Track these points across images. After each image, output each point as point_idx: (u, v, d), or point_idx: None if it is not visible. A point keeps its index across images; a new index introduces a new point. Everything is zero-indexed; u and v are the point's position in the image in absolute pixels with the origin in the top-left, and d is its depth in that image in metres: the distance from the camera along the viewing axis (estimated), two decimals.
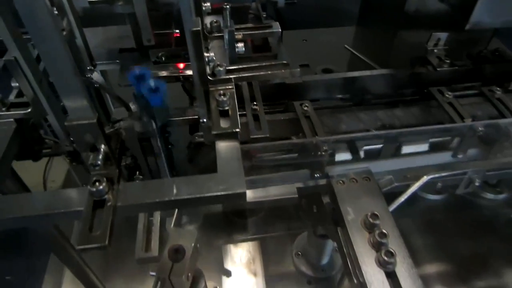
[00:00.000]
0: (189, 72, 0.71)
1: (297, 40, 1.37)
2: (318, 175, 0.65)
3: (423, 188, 0.69)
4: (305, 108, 0.67)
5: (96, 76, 0.74)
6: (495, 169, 0.70)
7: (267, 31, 0.67)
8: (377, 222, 0.57)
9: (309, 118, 0.66)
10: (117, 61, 0.89)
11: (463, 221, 1.03)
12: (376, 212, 0.57)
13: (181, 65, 0.76)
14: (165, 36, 0.82)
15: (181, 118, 0.64)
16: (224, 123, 0.51)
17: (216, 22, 0.68)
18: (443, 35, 0.79)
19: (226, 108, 0.52)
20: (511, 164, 0.69)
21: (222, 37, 0.67)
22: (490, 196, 1.06)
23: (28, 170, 0.74)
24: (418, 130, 0.63)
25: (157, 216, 0.73)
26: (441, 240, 0.98)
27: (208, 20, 0.69)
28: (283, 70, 0.58)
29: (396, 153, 0.68)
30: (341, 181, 0.64)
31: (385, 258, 0.53)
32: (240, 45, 0.66)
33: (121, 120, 0.76)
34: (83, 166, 0.59)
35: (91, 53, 0.75)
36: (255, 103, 0.66)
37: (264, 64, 0.59)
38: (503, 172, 0.70)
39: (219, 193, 0.43)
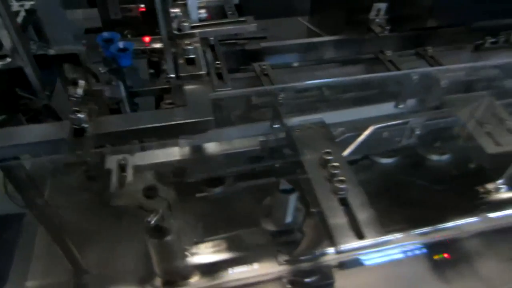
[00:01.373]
0: (156, 45, 0.75)
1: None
2: (277, 125, 0.72)
3: (371, 137, 0.77)
4: (264, 67, 0.74)
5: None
6: (431, 119, 0.80)
7: None
8: (330, 157, 0.64)
9: (267, 75, 0.72)
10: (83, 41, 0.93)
11: (411, 181, 1.13)
12: (328, 150, 0.65)
13: (147, 39, 0.81)
14: (131, 11, 0.86)
15: (150, 88, 0.69)
16: (190, 69, 0.57)
17: None
18: (383, 5, 0.88)
19: (192, 56, 0.58)
20: (446, 113, 0.79)
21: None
22: (435, 157, 1.17)
23: None
24: (363, 78, 0.71)
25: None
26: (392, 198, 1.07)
27: None
28: (242, 26, 0.64)
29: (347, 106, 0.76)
30: (298, 129, 0.71)
31: (337, 185, 0.60)
32: (202, 11, 0.72)
33: None
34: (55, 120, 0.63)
35: None
36: (217, 62, 0.72)
37: (224, 20, 0.65)
38: (438, 122, 0.80)
39: (188, 121, 0.49)
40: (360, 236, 0.56)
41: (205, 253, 0.69)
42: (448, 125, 0.78)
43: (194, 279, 0.66)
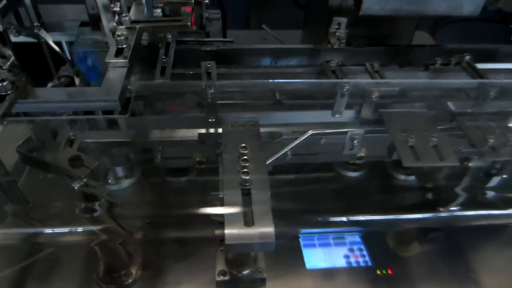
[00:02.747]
0: None
1: None
2: (212, 120, 0.77)
3: (306, 141, 0.81)
4: (208, 65, 0.79)
5: (43, 33, 0.88)
6: (372, 132, 0.82)
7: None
8: (245, 151, 0.69)
9: (209, 73, 0.78)
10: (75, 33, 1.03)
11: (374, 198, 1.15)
12: (245, 145, 0.69)
13: None
14: None
15: None
16: (117, 58, 0.63)
17: None
18: (343, 20, 0.92)
19: (122, 46, 0.65)
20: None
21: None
22: (401, 177, 1.17)
23: None
24: (296, 82, 0.75)
25: None
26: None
27: None
28: (180, 24, 0.71)
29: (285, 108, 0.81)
30: (229, 125, 0.76)
31: (243, 177, 0.64)
32: (158, 10, 0.79)
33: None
34: None
35: (39, 12, 0.88)
36: (164, 57, 0.78)
37: (165, 19, 0.72)
38: (379, 136, 0.82)
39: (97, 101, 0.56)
40: (248, 224, 0.59)
41: None
42: (382, 139, 0.80)
43: None
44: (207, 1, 1.09)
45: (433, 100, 0.81)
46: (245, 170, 0.65)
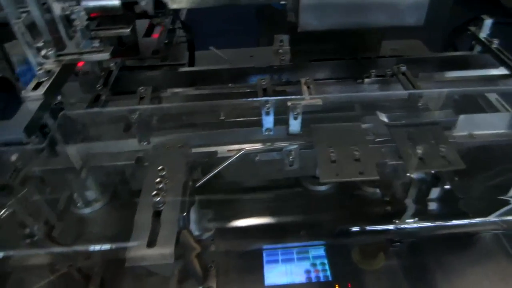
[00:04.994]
0: None
1: None
2: (144, 143, 0.80)
3: (241, 158, 0.82)
4: (142, 91, 0.83)
5: None
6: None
7: (118, 30, 0.85)
8: (163, 173, 0.71)
9: (143, 98, 0.82)
10: None
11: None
12: (163, 167, 0.72)
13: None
14: None
15: None
16: (34, 91, 0.68)
17: None
18: (285, 37, 0.93)
19: (40, 80, 0.70)
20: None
21: None
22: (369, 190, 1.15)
23: None
24: (221, 103, 0.77)
25: None
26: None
27: None
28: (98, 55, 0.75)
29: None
30: (157, 148, 0.79)
31: (154, 199, 0.67)
32: (96, 41, 0.84)
33: None
34: None
35: None
36: (99, 85, 0.83)
37: (88, 50, 0.76)
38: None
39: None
40: (150, 245, 0.62)
41: None
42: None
43: None
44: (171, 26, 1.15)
45: (369, 112, 0.80)
46: (157, 192, 0.67)
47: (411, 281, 0.96)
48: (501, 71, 0.94)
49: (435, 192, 0.90)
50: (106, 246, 0.77)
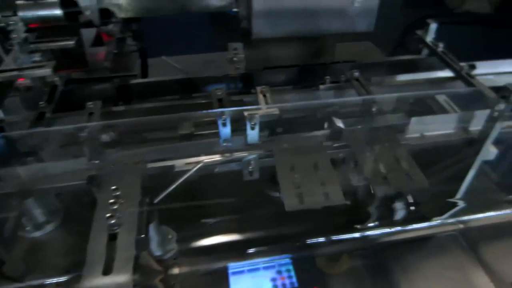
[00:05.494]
0: None
1: None
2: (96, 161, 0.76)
3: (200, 171, 0.80)
4: (90, 106, 0.79)
5: None
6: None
7: (61, 43, 0.80)
8: (118, 193, 0.67)
9: (93, 113, 0.77)
10: None
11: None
12: (115, 187, 0.68)
13: None
14: None
15: None
16: None
17: None
18: (239, 45, 0.92)
19: None
20: None
21: None
22: None
23: None
24: (173, 116, 0.74)
25: None
26: None
27: None
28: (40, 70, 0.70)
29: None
30: (111, 165, 0.75)
31: (109, 221, 0.63)
32: (37, 54, 0.79)
33: None
34: None
35: None
36: (41, 102, 0.78)
37: (27, 66, 0.71)
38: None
39: None
40: (106, 272, 0.58)
41: None
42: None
43: None
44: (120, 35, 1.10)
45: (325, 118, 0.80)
46: (111, 214, 0.63)
47: (375, 283, 0.98)
48: (448, 73, 0.98)
49: (396, 198, 0.92)
50: (60, 278, 0.72)
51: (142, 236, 0.65)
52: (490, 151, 0.89)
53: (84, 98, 0.83)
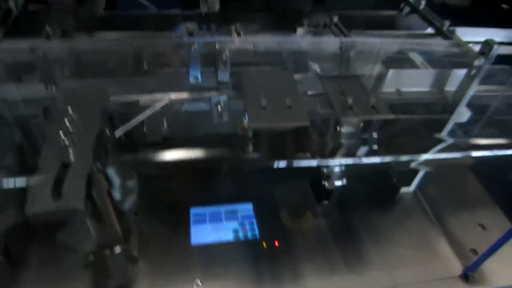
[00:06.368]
0: None
1: None
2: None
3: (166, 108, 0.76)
4: (49, 30, 0.72)
5: None
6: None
7: None
8: (75, 120, 0.63)
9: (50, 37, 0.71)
10: None
11: None
12: (75, 114, 0.63)
13: None
14: None
15: None
16: None
17: None
18: None
19: None
20: None
21: None
22: None
23: None
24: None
25: None
26: None
27: None
28: None
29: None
30: (68, 94, 0.70)
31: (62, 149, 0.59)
32: None
33: None
34: None
35: None
36: None
37: None
38: None
39: None
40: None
41: None
42: None
43: None
44: None
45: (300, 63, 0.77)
46: (65, 141, 0.59)
47: (337, 239, 0.98)
48: (428, 32, 0.96)
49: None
50: None
51: (97, 167, 0.61)
52: (463, 113, 0.88)
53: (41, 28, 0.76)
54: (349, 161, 0.79)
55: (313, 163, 0.79)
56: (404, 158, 0.82)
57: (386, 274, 0.90)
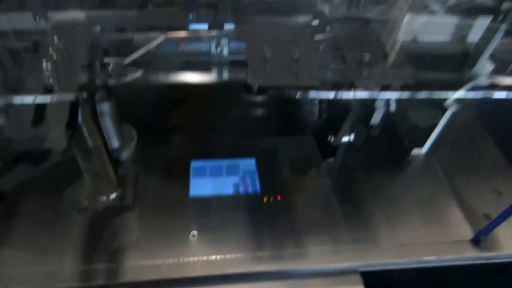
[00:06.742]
0: None
1: None
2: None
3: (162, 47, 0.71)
4: None
5: None
6: None
7: None
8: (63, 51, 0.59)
9: None
10: None
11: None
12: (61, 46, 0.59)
13: None
14: None
15: None
16: None
17: None
18: None
19: None
20: None
21: None
22: None
23: None
24: None
25: None
26: None
27: None
28: None
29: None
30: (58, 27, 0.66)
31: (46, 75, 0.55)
32: None
33: None
34: None
35: None
36: None
37: None
38: None
39: None
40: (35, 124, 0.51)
41: None
42: None
43: None
44: None
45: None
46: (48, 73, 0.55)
47: (342, 198, 0.94)
48: None
49: None
50: None
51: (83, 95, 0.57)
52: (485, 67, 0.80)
53: None
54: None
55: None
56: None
57: (392, 233, 0.86)
